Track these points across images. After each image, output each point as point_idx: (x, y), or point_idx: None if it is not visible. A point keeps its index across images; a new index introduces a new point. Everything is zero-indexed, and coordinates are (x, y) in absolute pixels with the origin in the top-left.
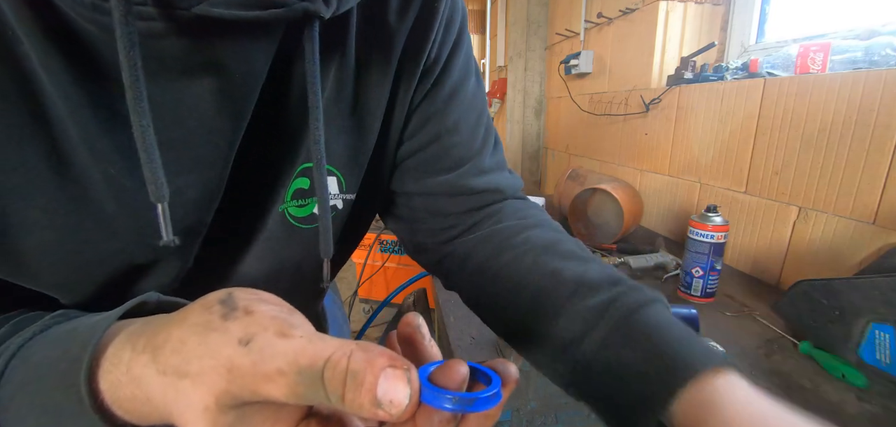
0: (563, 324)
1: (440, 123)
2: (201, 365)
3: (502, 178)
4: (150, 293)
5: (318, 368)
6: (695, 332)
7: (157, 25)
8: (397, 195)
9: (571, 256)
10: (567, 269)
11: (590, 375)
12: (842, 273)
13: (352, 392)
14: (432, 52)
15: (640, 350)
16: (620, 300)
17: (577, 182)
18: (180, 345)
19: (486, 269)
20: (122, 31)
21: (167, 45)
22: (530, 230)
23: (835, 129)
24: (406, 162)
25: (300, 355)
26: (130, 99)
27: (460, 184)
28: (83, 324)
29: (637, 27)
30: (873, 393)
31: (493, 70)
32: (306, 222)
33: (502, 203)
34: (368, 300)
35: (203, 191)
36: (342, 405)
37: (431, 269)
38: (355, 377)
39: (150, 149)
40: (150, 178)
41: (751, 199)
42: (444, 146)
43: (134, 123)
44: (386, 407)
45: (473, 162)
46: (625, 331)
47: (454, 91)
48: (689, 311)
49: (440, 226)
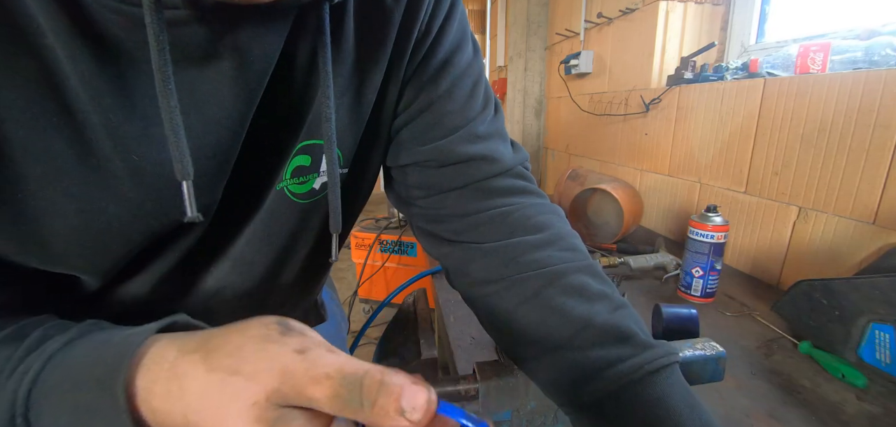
0: (560, 367)
1: (433, 91)
2: (257, 366)
3: (499, 146)
4: (180, 314)
5: (360, 376)
6: (698, 407)
7: (180, 13)
8: (392, 169)
9: (579, 292)
10: (575, 307)
11: (583, 421)
12: (842, 273)
13: (383, 398)
14: (423, 24)
15: (637, 421)
16: (624, 363)
17: (577, 182)
18: (237, 350)
19: (486, 287)
20: (152, 19)
21: (189, 33)
22: (539, 251)
23: (835, 129)
24: (400, 133)
25: (346, 365)
26: (159, 82)
27: (449, 150)
28: (118, 334)
29: (637, 27)
30: (873, 393)
31: (493, 70)
32: (305, 198)
33: (514, 202)
34: (368, 300)
35: (217, 171)
36: (371, 410)
37: (431, 253)
38: (387, 387)
39: (177, 129)
40: (176, 157)
41: (751, 199)
42: (437, 114)
43: (162, 106)
44: (408, 413)
45: (467, 128)
46: (618, 399)
47: (447, 59)
48: (689, 311)
49: (437, 208)
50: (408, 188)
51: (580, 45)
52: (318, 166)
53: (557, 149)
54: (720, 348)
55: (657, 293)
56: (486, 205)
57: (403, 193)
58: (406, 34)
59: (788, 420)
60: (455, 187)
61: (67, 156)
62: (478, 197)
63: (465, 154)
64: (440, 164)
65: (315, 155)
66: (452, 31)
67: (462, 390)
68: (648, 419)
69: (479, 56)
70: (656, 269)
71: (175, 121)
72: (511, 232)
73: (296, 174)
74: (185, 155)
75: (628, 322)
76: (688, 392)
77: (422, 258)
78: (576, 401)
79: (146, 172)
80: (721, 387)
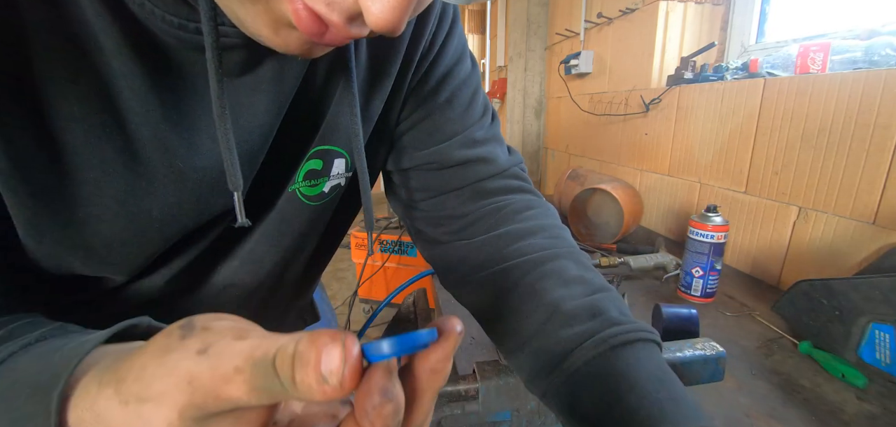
0: (535, 354)
1: (434, 100)
2: (162, 385)
3: (496, 149)
4: (141, 317)
5: (271, 357)
6: (669, 383)
7: (230, 40)
8: (395, 173)
9: (557, 276)
10: (549, 291)
11: (556, 406)
12: (842, 273)
13: (300, 372)
14: (427, 40)
15: (596, 398)
16: (589, 340)
17: (577, 182)
18: (141, 371)
19: (472, 280)
20: (212, 53)
21: (235, 55)
22: (522, 241)
23: (835, 129)
24: (403, 139)
25: (255, 349)
26: (216, 107)
27: (450, 153)
28: (70, 344)
29: (637, 27)
30: (873, 393)
31: (493, 70)
32: (315, 200)
33: (506, 199)
34: (368, 300)
35: (244, 175)
36: (295, 390)
37: (425, 254)
38: (301, 357)
39: (231, 147)
40: (229, 171)
41: (751, 199)
42: (438, 121)
43: (219, 128)
44: (328, 378)
45: (465, 133)
46: (583, 377)
47: (448, 71)
48: (689, 311)
49: (437, 210)
50: (411, 191)
51: (580, 45)
52: (328, 170)
53: (557, 149)
54: (720, 348)
55: (657, 293)
56: (481, 204)
57: (405, 197)
58: (412, 50)
59: (788, 420)
60: (454, 188)
61: (117, 163)
62: (474, 197)
63: (463, 157)
64: (441, 166)
65: (327, 159)
66: (453, 46)
67: (462, 390)
68: (607, 393)
69: (477, 68)
70: (656, 269)
71: (229, 140)
72: (498, 224)
73: (307, 177)
74: (236, 168)
75: (605, 303)
76: (659, 368)
77: (422, 258)
78: (551, 390)
79: (187, 177)
80: (721, 387)
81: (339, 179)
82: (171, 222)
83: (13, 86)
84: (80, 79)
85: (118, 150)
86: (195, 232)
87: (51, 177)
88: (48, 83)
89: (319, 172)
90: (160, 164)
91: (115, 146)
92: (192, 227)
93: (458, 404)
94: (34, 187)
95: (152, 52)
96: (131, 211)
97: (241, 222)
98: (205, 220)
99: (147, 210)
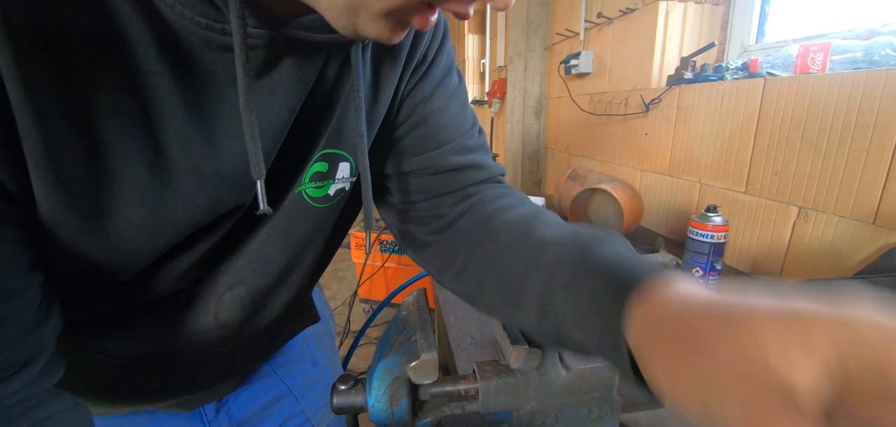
0: (537, 297)
1: (427, 108)
2: None
3: (485, 157)
4: None
5: None
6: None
7: (253, 40)
8: (390, 177)
9: (546, 225)
10: (539, 233)
11: (560, 327)
12: (842, 273)
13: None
14: (422, 50)
15: (590, 285)
16: (572, 245)
17: (577, 182)
18: None
19: (466, 266)
20: (240, 51)
21: (258, 56)
22: (506, 212)
23: (835, 129)
24: (399, 143)
25: None
26: (243, 103)
27: (446, 160)
28: None
29: (637, 27)
30: None
31: (493, 70)
32: (320, 202)
33: (482, 187)
34: (368, 300)
35: None
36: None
37: (417, 258)
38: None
39: (256, 138)
40: (253, 160)
41: (751, 199)
42: (431, 128)
43: (245, 122)
44: None
45: (458, 141)
46: (576, 271)
47: (439, 82)
48: None
49: (429, 211)
50: (408, 193)
51: (580, 45)
52: (333, 173)
53: (557, 149)
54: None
55: None
56: (467, 202)
57: (400, 200)
58: (410, 59)
59: None
60: (448, 191)
61: (142, 157)
62: (465, 199)
63: (456, 163)
64: (436, 171)
65: (332, 162)
66: (444, 58)
67: (462, 390)
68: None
69: (463, 83)
70: None
71: (254, 132)
72: (483, 206)
73: (314, 179)
74: (260, 158)
75: (586, 228)
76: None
77: None
78: (564, 336)
79: (204, 173)
80: None
81: (343, 183)
82: (187, 215)
83: (53, 76)
84: (111, 71)
85: (143, 144)
86: (206, 228)
87: (80, 165)
88: (83, 76)
89: (325, 175)
90: (180, 158)
91: (140, 141)
92: (205, 221)
93: (457, 404)
94: (64, 173)
95: (177, 52)
96: (151, 204)
97: (264, 210)
98: (217, 216)
99: (165, 201)
